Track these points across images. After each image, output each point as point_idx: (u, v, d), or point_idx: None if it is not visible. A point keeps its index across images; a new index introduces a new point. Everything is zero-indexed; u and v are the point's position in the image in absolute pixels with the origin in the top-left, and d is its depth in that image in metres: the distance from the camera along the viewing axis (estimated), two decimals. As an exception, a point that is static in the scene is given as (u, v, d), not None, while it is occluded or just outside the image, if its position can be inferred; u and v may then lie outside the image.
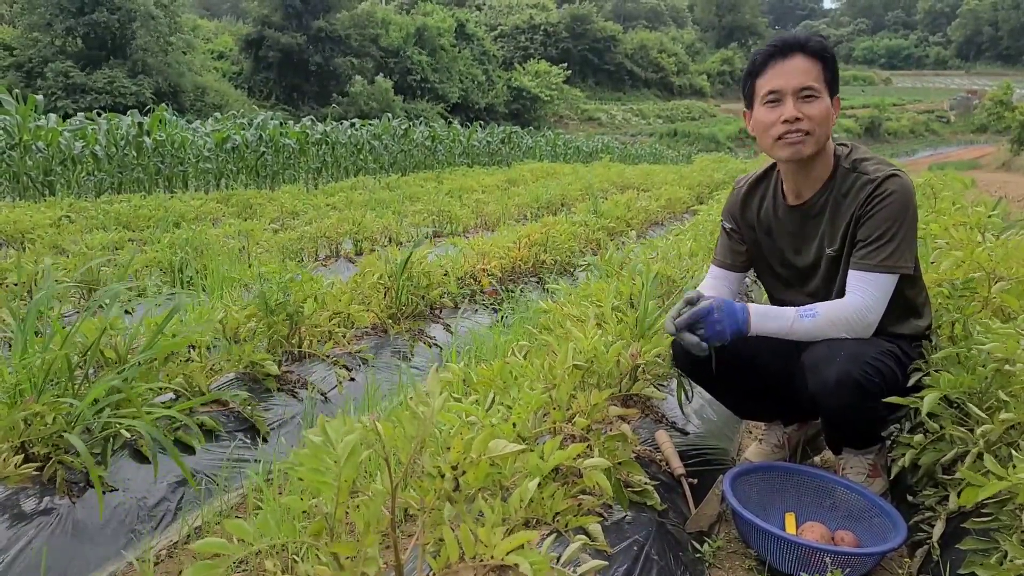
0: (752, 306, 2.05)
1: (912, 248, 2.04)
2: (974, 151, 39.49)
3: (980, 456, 1.83)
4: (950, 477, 1.91)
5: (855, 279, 2.03)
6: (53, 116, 11.40)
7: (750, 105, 2.15)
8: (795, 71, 2.03)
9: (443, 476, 1.35)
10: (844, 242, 2.10)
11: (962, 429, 1.93)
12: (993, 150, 32.80)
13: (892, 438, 2.14)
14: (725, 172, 15.69)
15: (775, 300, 2.37)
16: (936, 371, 2.03)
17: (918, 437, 2.01)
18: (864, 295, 2.00)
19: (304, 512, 1.67)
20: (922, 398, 1.93)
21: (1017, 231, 3.06)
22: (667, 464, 2.17)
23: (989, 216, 2.93)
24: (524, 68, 58.56)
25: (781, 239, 2.26)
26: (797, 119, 2.02)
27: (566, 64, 61.40)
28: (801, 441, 2.52)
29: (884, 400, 1.98)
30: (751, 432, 2.95)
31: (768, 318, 2.04)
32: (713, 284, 2.38)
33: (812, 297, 2.19)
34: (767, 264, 2.34)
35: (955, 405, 2.01)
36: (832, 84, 2.07)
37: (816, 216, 2.16)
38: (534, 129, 37.89)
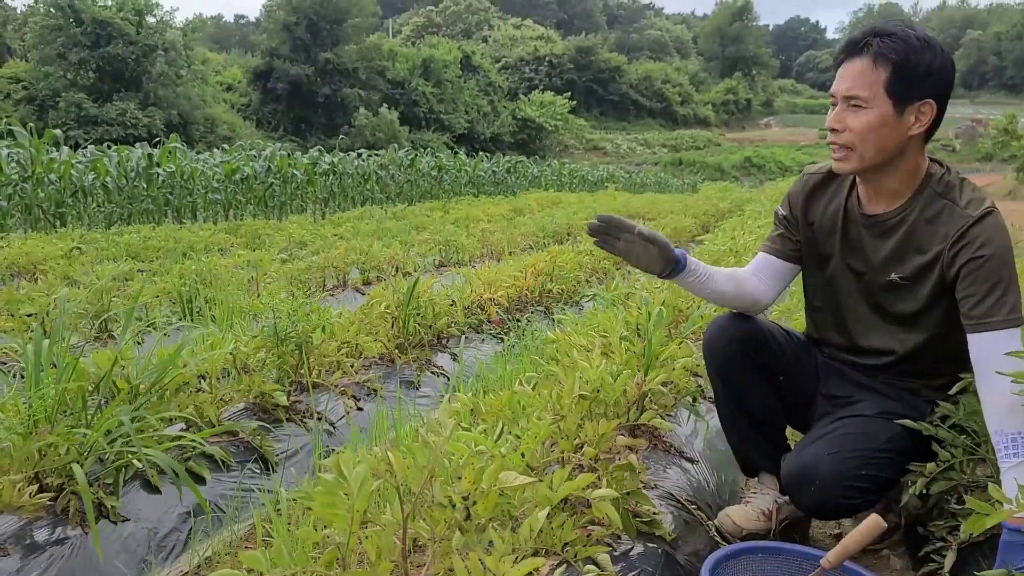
0: None
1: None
2: (980, 180, 39.38)
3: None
4: (960, 507, 1.90)
5: (992, 347, 1.72)
6: (66, 149, 11.54)
7: None
8: (850, 75, 1.80)
9: (454, 506, 1.36)
10: (918, 274, 1.90)
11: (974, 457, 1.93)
12: (999, 179, 32.78)
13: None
14: (731, 201, 15.74)
15: (812, 308, 2.20)
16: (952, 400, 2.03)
17: (930, 465, 1.99)
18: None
19: (315, 543, 1.67)
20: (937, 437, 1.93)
21: None
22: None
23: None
24: (529, 98, 59.16)
25: (841, 243, 2.04)
26: (834, 130, 1.84)
27: (571, 94, 61.98)
28: (788, 519, 2.19)
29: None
30: (746, 482, 2.59)
31: None
32: (753, 271, 2.15)
33: (850, 314, 2.06)
34: (815, 265, 2.13)
35: (967, 432, 2.00)
36: (900, 93, 1.78)
37: (888, 232, 1.94)
38: (539, 158, 38.18)
